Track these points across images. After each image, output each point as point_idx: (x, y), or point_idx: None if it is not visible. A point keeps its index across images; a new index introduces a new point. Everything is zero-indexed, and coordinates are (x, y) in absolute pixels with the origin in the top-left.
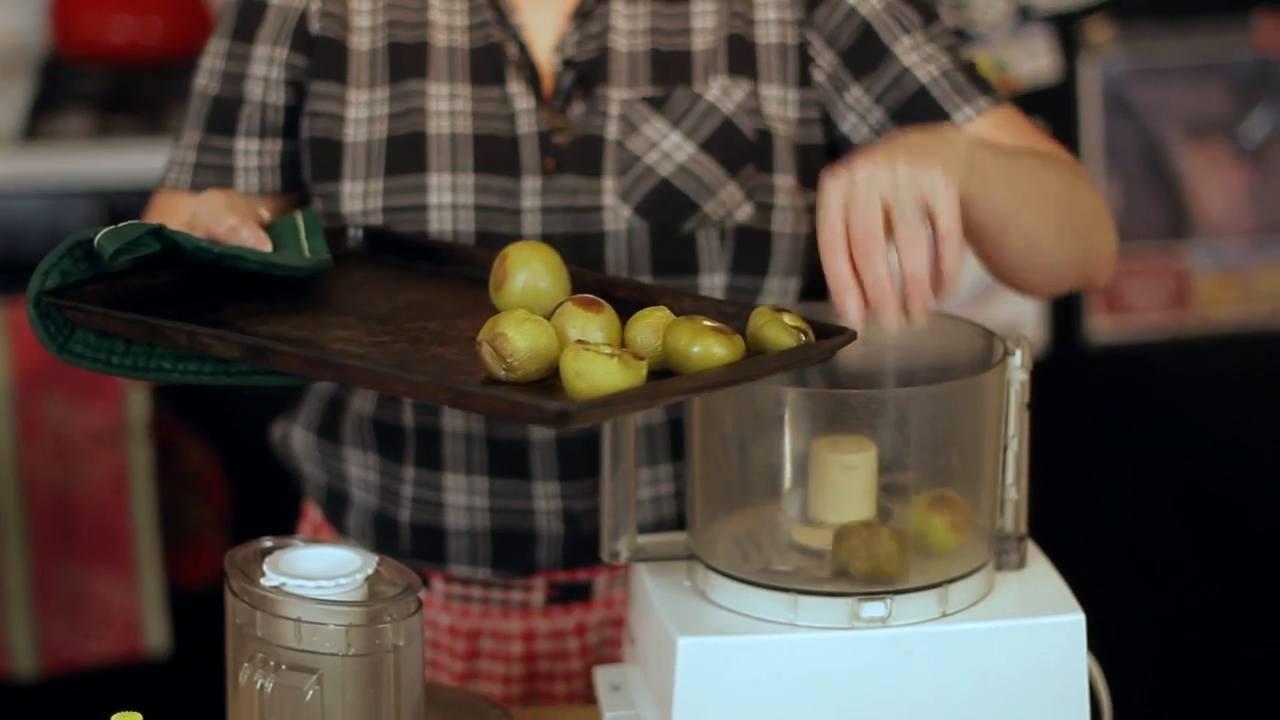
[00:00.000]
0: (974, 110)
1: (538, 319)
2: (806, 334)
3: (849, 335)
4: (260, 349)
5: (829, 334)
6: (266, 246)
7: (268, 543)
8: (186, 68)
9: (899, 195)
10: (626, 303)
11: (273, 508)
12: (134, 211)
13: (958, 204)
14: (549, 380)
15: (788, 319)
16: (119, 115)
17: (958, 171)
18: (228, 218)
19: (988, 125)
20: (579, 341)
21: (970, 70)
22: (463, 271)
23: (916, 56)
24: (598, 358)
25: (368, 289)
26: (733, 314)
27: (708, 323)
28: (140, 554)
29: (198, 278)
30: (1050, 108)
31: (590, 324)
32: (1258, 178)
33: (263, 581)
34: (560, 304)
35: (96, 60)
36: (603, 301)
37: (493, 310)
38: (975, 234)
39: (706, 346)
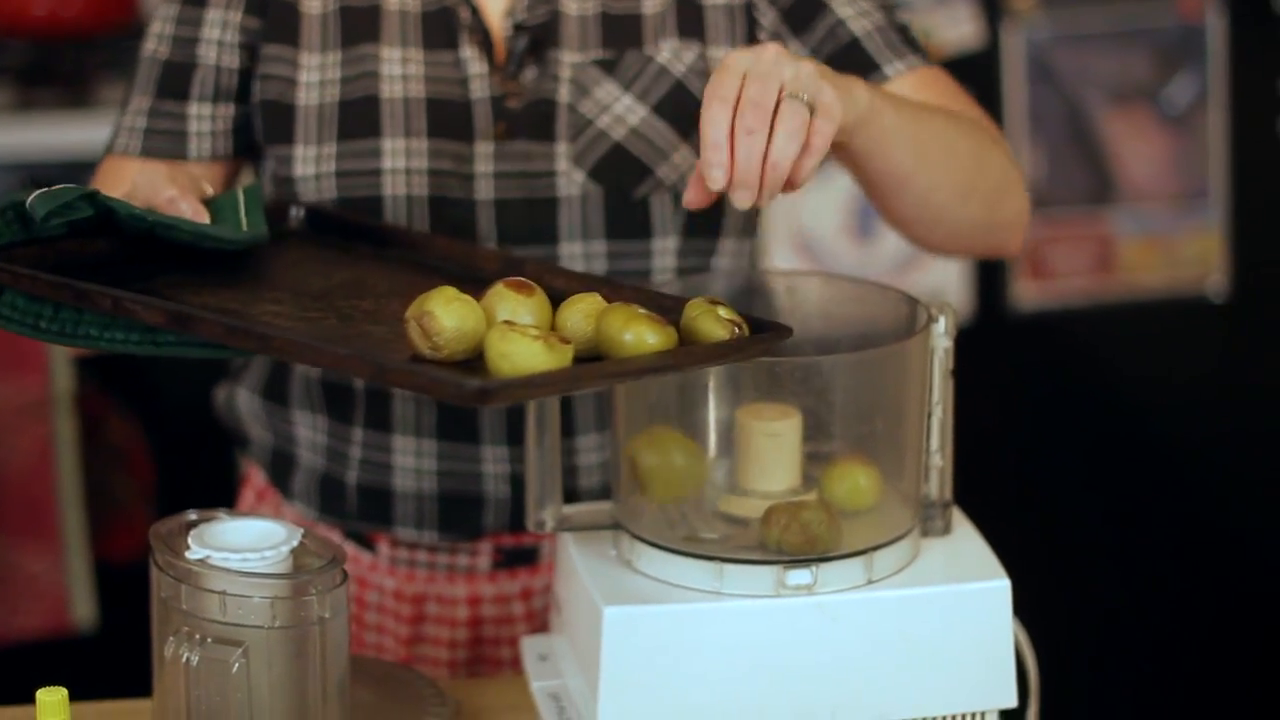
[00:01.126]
0: (904, 65)
1: (467, 299)
2: (740, 328)
3: (784, 331)
4: (183, 316)
5: (763, 329)
6: (204, 219)
7: (192, 516)
8: (108, 40)
9: (798, 84)
10: (566, 293)
11: (199, 481)
12: (55, 184)
13: (839, 121)
14: (475, 362)
15: (723, 312)
16: (40, 88)
17: (849, 109)
18: (167, 189)
19: (914, 82)
20: (505, 323)
21: (904, 31)
22: (404, 254)
23: (852, 10)
24: (523, 339)
25: (305, 266)
26: (669, 306)
27: (642, 311)
28: (66, 528)
29: (132, 247)
30: (974, 75)
31: (520, 307)
32: (1181, 143)
33: (187, 555)
34: (492, 286)
35: (17, 33)
36: (534, 285)
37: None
38: (872, 186)
39: (639, 334)
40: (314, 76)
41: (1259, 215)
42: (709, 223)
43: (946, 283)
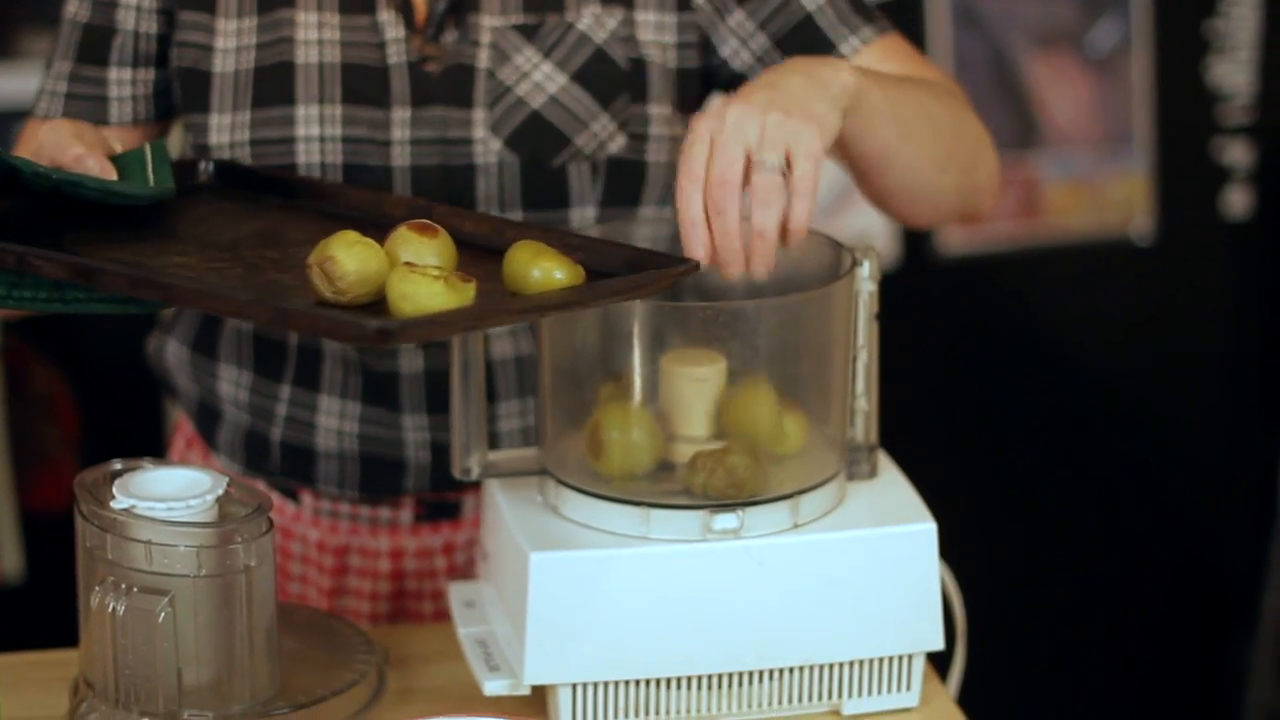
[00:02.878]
0: (859, 40)
1: (369, 242)
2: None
3: (690, 265)
4: (87, 269)
5: (672, 264)
6: (112, 176)
7: (117, 465)
8: None
9: (763, 146)
10: (474, 236)
11: (125, 430)
12: None
13: (821, 160)
14: (380, 306)
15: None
16: None
17: (833, 117)
18: (74, 146)
19: (874, 55)
20: (406, 264)
21: None
22: (313, 205)
23: None
24: (423, 279)
25: (213, 220)
26: (576, 245)
27: (549, 248)
28: None
29: (38, 205)
30: (899, 20)
31: (424, 249)
32: (1105, 87)
33: (112, 504)
34: (395, 229)
35: None
36: (438, 227)
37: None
38: (857, 166)
39: (547, 270)
40: (230, 43)
41: (1183, 158)
42: (627, 192)
43: (872, 227)
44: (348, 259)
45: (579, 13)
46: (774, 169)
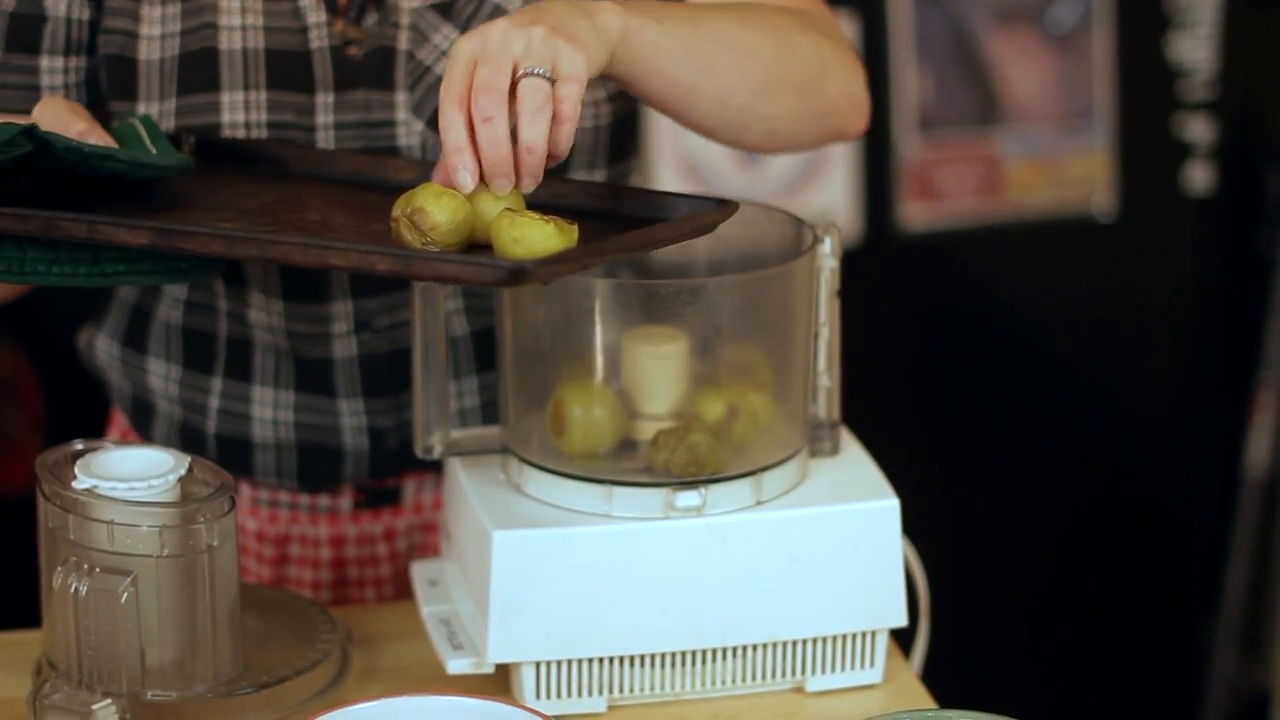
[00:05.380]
0: None
1: (452, 192)
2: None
3: (732, 205)
4: (172, 233)
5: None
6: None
7: (79, 446)
8: None
9: (528, 57)
10: None
11: (87, 411)
12: None
13: (584, 84)
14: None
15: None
16: None
17: (600, 48)
18: (76, 122)
19: None
20: (508, 209)
21: None
22: (313, 172)
23: None
24: (533, 223)
25: (227, 190)
26: (602, 193)
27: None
28: None
29: (56, 184)
30: None
31: (503, 199)
32: (1066, 63)
33: (74, 484)
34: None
35: None
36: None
37: (361, 205)
38: (654, 101)
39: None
40: (155, 30)
41: (1145, 134)
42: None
43: (834, 204)
44: (438, 210)
45: None
46: (542, 83)
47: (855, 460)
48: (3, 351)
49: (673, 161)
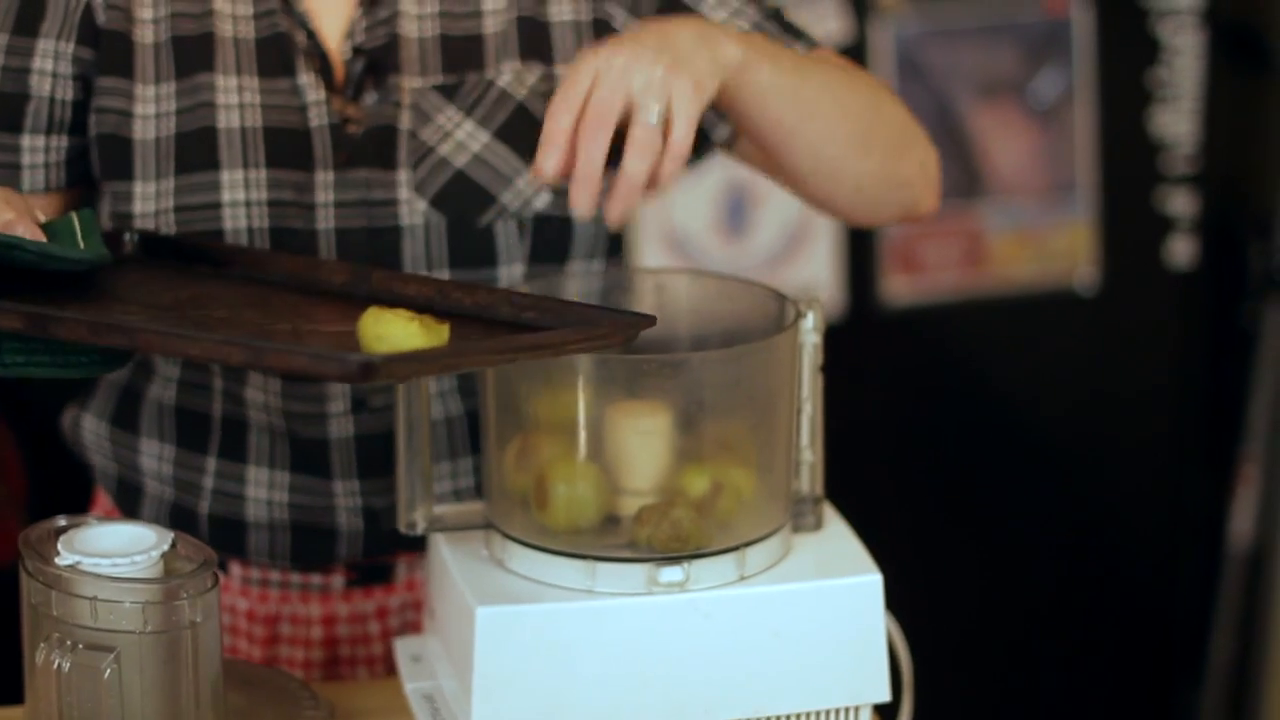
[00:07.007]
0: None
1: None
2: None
3: (648, 319)
4: (44, 318)
5: (630, 318)
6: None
7: (62, 521)
8: None
9: (648, 95)
10: (417, 299)
11: (73, 488)
12: None
13: (695, 124)
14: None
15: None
16: None
17: (712, 83)
18: (3, 212)
19: None
20: (378, 306)
21: (779, 18)
22: (247, 273)
23: (724, 13)
24: (396, 320)
25: (149, 285)
26: (526, 304)
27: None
28: None
29: None
30: None
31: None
32: (1048, 137)
33: (57, 560)
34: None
35: None
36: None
37: (280, 306)
38: (756, 139)
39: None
40: (150, 109)
41: (1127, 208)
42: (555, 247)
43: (817, 279)
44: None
45: (498, 70)
46: (655, 120)
47: (838, 535)
48: None
49: (658, 237)
